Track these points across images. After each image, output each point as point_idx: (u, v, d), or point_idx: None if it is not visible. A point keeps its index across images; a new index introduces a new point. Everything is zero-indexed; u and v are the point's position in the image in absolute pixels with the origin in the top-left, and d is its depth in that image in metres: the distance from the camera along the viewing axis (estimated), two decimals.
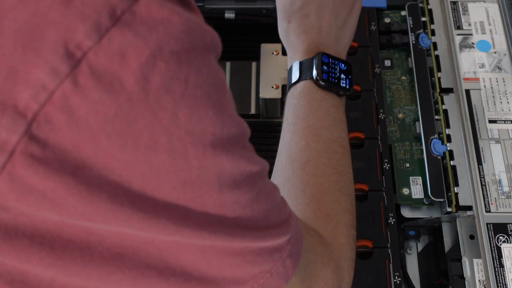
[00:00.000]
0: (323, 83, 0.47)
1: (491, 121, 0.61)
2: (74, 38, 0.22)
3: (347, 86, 0.49)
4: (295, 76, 0.49)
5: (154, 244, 0.27)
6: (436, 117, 0.63)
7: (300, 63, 0.49)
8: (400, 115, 0.66)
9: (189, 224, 0.27)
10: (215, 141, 0.26)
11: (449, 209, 0.57)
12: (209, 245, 0.29)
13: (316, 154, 0.45)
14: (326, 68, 0.48)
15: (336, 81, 0.48)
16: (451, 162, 0.59)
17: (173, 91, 0.24)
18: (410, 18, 0.69)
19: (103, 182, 0.24)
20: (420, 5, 0.70)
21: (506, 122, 0.61)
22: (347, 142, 0.48)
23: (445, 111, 0.62)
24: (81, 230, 0.25)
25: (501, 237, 0.54)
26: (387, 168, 0.60)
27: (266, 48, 0.66)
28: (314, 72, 0.47)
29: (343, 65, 0.49)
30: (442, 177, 0.59)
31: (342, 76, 0.49)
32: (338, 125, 0.48)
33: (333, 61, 0.49)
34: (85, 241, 0.26)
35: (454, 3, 0.69)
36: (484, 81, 0.63)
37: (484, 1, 0.69)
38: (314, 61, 0.48)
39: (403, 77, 0.69)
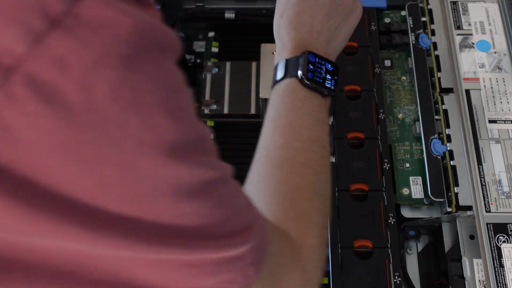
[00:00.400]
0: (307, 82, 0.46)
1: (491, 121, 0.61)
2: None
3: (332, 87, 0.48)
4: (280, 73, 0.48)
5: (106, 260, 0.26)
6: (436, 117, 0.63)
7: (287, 61, 0.48)
8: (400, 115, 0.66)
9: (144, 238, 0.25)
10: (169, 149, 0.25)
11: (449, 209, 0.57)
12: (166, 258, 0.27)
13: (295, 153, 0.44)
14: (312, 67, 0.47)
15: (321, 81, 0.48)
16: (451, 162, 0.59)
17: (121, 99, 0.23)
18: (410, 18, 0.69)
19: (48, 199, 0.22)
20: (420, 5, 0.70)
21: (506, 122, 0.61)
22: (327, 143, 0.47)
23: (445, 111, 0.62)
24: (25, 249, 0.24)
25: (501, 237, 0.54)
26: (387, 168, 0.60)
27: (266, 48, 0.66)
28: (300, 70, 0.47)
29: (329, 65, 0.49)
30: (442, 177, 0.59)
31: (328, 76, 0.48)
32: (320, 125, 0.47)
33: (319, 61, 0.48)
34: (30, 259, 0.24)
35: (454, 3, 0.69)
36: (484, 81, 0.63)
37: (484, 1, 0.69)
38: (301, 60, 0.47)
39: (403, 77, 0.69)
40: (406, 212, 0.60)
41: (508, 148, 0.59)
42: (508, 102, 0.62)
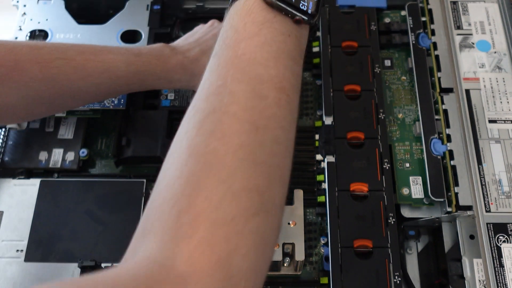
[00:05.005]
0: (272, 0, 0.34)
1: (491, 121, 0.61)
2: None
3: (309, 10, 0.35)
4: None
5: None
6: (436, 117, 0.63)
7: None
8: (400, 115, 0.66)
9: None
10: None
11: (449, 209, 0.57)
12: None
13: (229, 100, 0.31)
14: None
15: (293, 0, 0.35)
16: (451, 162, 0.59)
17: None
18: (410, 18, 0.69)
19: None
20: (420, 5, 0.70)
21: (506, 122, 0.61)
22: (291, 86, 0.34)
23: (445, 111, 0.62)
24: None
25: (501, 237, 0.54)
26: (387, 168, 0.60)
27: None
28: None
29: None
30: (442, 177, 0.59)
31: None
32: (282, 60, 0.34)
33: None
34: None
35: (454, 3, 0.69)
36: (484, 81, 0.63)
37: (484, 1, 0.69)
38: None
39: (403, 77, 0.69)
40: (406, 212, 0.60)
41: (508, 148, 0.59)
42: (508, 102, 0.62)
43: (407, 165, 0.62)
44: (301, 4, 0.35)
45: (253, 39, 0.34)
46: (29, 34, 0.72)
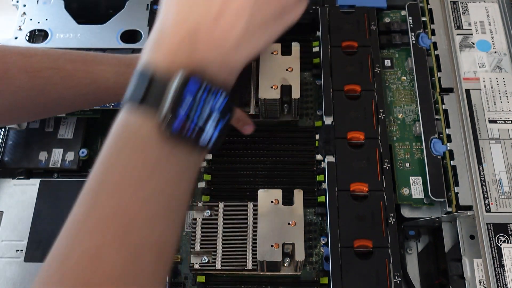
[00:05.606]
0: (172, 134, 0.29)
1: (491, 121, 0.61)
2: None
3: (213, 139, 0.30)
4: (134, 97, 0.30)
5: None
6: (436, 117, 0.63)
7: (151, 79, 0.30)
8: (400, 115, 0.66)
9: None
10: None
11: (449, 209, 0.57)
12: None
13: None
14: (189, 103, 0.29)
15: (197, 131, 0.30)
16: (451, 162, 0.59)
17: None
18: (410, 18, 0.69)
19: None
20: (420, 5, 0.70)
21: (506, 122, 0.61)
22: (171, 244, 0.31)
23: (445, 111, 0.62)
24: None
25: (501, 237, 0.54)
26: (387, 168, 0.60)
27: (265, 48, 0.66)
28: (165, 110, 0.29)
29: (222, 97, 0.30)
30: (442, 177, 0.59)
31: (212, 120, 0.30)
32: (166, 218, 0.31)
33: (203, 95, 0.29)
34: None
35: (454, 3, 0.69)
36: (484, 81, 0.63)
37: (484, 1, 0.69)
38: (172, 89, 0.29)
39: (403, 77, 0.69)
40: (406, 212, 0.60)
41: (508, 148, 0.59)
42: (508, 102, 0.62)
43: (407, 165, 0.62)
44: (204, 134, 0.30)
45: (140, 190, 0.29)
46: (28, 34, 0.72)
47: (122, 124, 0.31)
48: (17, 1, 0.75)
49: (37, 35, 0.72)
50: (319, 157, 0.62)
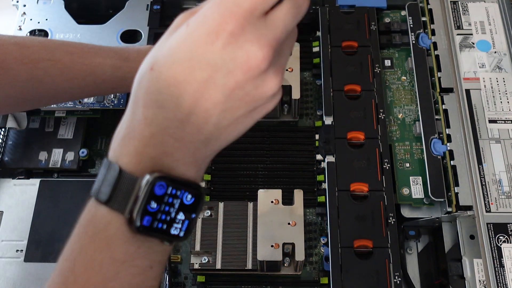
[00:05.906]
0: (139, 231, 0.30)
1: (491, 121, 0.61)
2: None
3: (181, 234, 0.31)
4: (102, 194, 0.30)
5: None
6: (436, 117, 0.63)
7: (120, 175, 0.30)
8: (400, 115, 0.66)
9: None
10: None
11: (449, 209, 0.57)
12: None
13: None
14: (155, 206, 0.30)
15: (165, 226, 0.30)
16: (451, 162, 0.59)
17: None
18: (410, 18, 0.69)
19: None
20: (420, 5, 0.70)
21: (506, 122, 0.61)
22: None
23: (445, 111, 0.62)
24: None
25: (501, 237, 0.54)
26: (387, 168, 0.60)
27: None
28: (134, 211, 0.29)
29: (189, 196, 0.30)
30: (442, 177, 0.59)
31: (180, 216, 0.31)
32: None
33: (172, 192, 0.30)
34: None
35: (454, 3, 0.69)
36: (484, 81, 0.63)
37: (484, 1, 0.69)
38: (140, 191, 0.29)
39: (403, 77, 0.69)
40: (406, 212, 0.60)
41: (508, 147, 0.59)
42: (508, 102, 0.62)
43: (407, 165, 0.62)
44: (173, 229, 0.31)
45: (112, 283, 0.30)
46: (28, 34, 0.72)
47: (90, 219, 0.31)
48: (17, 1, 0.75)
49: (37, 35, 0.72)
50: (319, 157, 0.62)
